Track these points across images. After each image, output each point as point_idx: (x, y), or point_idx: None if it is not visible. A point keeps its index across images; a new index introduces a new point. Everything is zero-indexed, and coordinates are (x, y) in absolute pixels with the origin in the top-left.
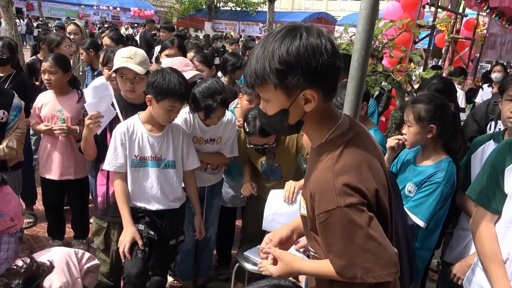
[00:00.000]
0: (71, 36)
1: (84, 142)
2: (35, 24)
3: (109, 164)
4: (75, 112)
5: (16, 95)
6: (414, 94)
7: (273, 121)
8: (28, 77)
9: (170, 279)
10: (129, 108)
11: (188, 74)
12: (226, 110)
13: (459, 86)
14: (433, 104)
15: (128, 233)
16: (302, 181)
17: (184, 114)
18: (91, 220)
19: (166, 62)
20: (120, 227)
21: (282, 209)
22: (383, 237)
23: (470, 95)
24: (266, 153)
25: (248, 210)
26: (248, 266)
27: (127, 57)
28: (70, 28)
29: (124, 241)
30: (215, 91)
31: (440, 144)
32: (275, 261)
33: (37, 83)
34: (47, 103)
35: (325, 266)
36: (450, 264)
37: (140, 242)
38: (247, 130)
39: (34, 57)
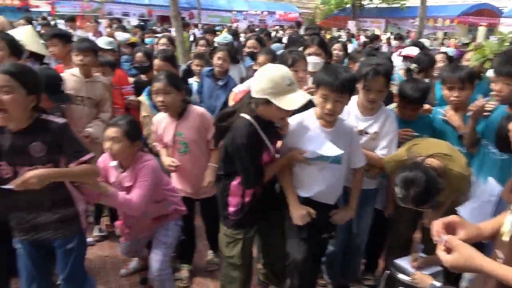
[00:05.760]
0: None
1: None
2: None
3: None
4: (195, 132)
5: None
6: None
7: None
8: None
9: None
10: None
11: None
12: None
13: None
14: None
15: (299, 209)
16: None
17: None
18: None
19: (311, 59)
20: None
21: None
22: None
23: None
24: None
25: (397, 214)
26: (401, 276)
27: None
28: (162, 41)
29: (299, 216)
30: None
31: None
32: (448, 251)
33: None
34: (165, 126)
35: None
36: None
37: (311, 211)
38: (399, 196)
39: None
